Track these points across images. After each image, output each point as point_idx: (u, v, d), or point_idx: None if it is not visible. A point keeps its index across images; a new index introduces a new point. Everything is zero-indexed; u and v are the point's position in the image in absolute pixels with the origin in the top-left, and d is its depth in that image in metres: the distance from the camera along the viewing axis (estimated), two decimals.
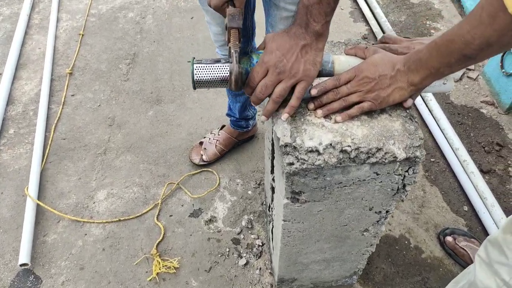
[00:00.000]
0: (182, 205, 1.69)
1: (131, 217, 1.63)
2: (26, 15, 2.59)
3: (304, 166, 0.76)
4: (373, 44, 0.90)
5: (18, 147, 1.87)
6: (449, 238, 1.53)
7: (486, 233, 1.58)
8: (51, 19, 2.56)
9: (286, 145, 0.76)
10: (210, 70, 0.81)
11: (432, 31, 2.59)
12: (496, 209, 1.59)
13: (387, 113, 0.81)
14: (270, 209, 1.37)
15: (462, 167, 1.76)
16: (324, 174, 0.81)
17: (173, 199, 1.71)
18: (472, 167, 1.74)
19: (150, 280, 1.45)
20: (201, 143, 1.83)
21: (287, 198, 0.89)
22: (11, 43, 2.36)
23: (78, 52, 2.37)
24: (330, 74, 0.83)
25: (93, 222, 1.61)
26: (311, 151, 0.75)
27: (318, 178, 0.82)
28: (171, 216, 1.65)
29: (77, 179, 1.76)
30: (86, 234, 1.57)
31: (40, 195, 1.67)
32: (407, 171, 0.83)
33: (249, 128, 1.82)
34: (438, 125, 1.94)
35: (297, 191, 0.87)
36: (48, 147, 1.86)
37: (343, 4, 2.81)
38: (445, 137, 1.89)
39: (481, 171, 1.77)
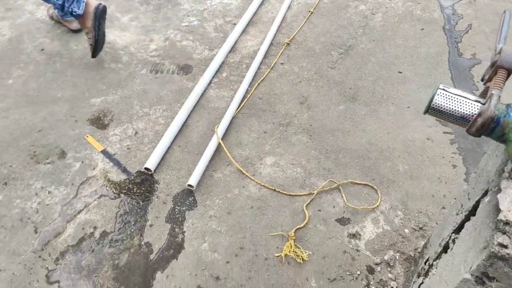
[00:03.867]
0: (333, 207, 1.66)
1: (285, 192, 1.68)
2: None
3: None
4: None
5: (224, 90, 2.12)
6: None
7: None
8: None
9: (507, 223, 0.63)
10: (454, 102, 0.73)
11: None
12: None
13: None
14: (428, 264, 1.21)
15: None
16: None
17: (328, 197, 1.69)
18: None
19: (277, 256, 1.49)
20: None
21: (471, 275, 0.75)
22: (253, 0, 2.65)
23: (302, 27, 2.50)
24: None
25: (253, 180, 1.72)
26: None
27: None
28: (319, 210, 1.64)
29: (256, 137, 1.90)
30: (243, 187, 1.70)
31: (225, 136, 1.88)
32: None
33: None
34: None
35: (490, 275, 0.72)
36: (246, 100, 2.05)
37: None
38: None
39: None
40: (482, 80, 0.82)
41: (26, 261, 1.44)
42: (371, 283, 1.44)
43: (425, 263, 1.28)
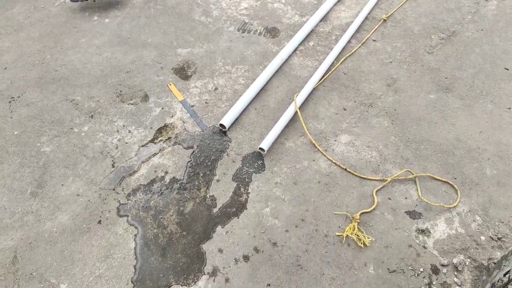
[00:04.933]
0: (405, 198, 1.56)
1: (356, 173, 1.62)
2: None
3: None
4: None
5: (308, 59, 2.05)
6: None
7: None
8: None
9: None
10: None
11: None
12: None
13: None
14: (507, 277, 1.10)
15: None
16: None
17: (401, 187, 1.59)
18: None
19: (338, 236, 1.45)
20: None
21: None
22: None
23: (403, 4, 2.32)
24: None
25: (325, 155, 1.67)
26: None
27: None
28: (389, 199, 1.56)
29: (334, 113, 1.83)
30: (314, 160, 1.66)
31: (302, 106, 1.83)
32: None
33: None
34: None
35: None
36: (329, 73, 1.97)
37: None
38: None
39: None
40: None
41: (101, 190, 1.55)
42: (433, 283, 1.35)
43: (504, 275, 1.16)
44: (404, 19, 2.25)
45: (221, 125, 1.72)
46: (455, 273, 1.38)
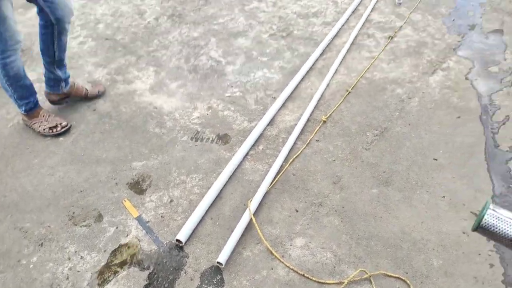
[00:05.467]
0: None
1: (313, 279, 1.65)
2: (314, 58, 3.01)
3: None
4: None
5: (259, 163, 2.19)
6: None
7: None
8: (331, 69, 2.89)
9: None
10: (506, 225, 0.74)
11: None
12: None
13: None
14: None
15: None
16: None
17: (358, 287, 1.64)
18: None
19: None
20: None
21: None
22: (294, 76, 2.79)
23: (339, 106, 2.59)
24: None
25: (282, 262, 1.71)
26: None
27: None
28: None
29: (287, 215, 1.91)
30: (272, 269, 1.68)
31: (256, 211, 1.90)
32: None
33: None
34: None
35: None
36: (279, 175, 2.09)
37: None
38: None
39: None
40: None
41: None
42: None
43: None
44: (342, 119, 2.50)
45: (177, 240, 1.74)
46: None
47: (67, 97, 2.51)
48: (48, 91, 2.43)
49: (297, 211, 1.94)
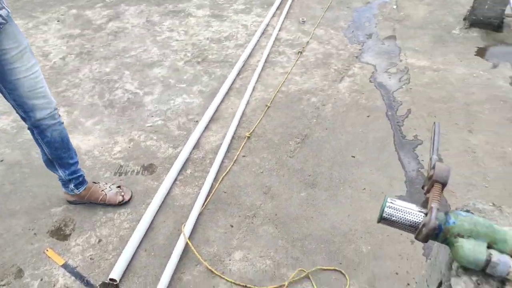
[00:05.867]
0: None
1: (255, 287, 1.67)
2: (232, 79, 3.11)
3: None
4: None
5: (189, 187, 2.18)
6: None
7: None
8: (248, 87, 3.01)
9: None
10: (402, 214, 0.83)
11: None
12: None
13: None
14: None
15: None
16: None
17: (299, 287, 1.68)
18: None
19: None
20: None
21: None
22: (213, 98, 2.85)
23: (260, 120, 2.70)
24: None
25: (223, 278, 1.70)
26: None
27: None
28: None
29: (223, 232, 1.92)
30: (214, 287, 1.66)
31: (191, 234, 1.88)
32: None
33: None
34: None
35: None
36: (211, 195, 2.10)
37: None
38: None
39: None
40: (422, 188, 0.93)
41: None
42: None
43: None
44: (264, 132, 2.60)
45: (111, 279, 1.65)
46: None
47: (84, 200, 2.03)
48: (63, 190, 2.01)
49: (232, 226, 1.95)
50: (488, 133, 2.60)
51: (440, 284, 0.89)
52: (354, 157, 2.41)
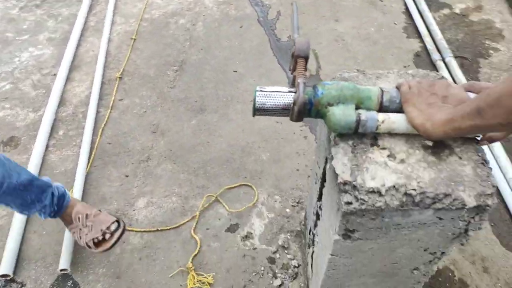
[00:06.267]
0: (219, 219, 1.66)
1: (168, 227, 1.62)
2: (83, 17, 2.68)
3: (363, 207, 0.70)
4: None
5: (66, 149, 1.93)
6: None
7: None
8: (106, 22, 2.64)
9: (345, 183, 0.70)
10: (273, 98, 0.80)
11: (491, 51, 2.42)
12: None
13: (456, 155, 0.74)
14: (311, 233, 1.31)
15: None
16: (383, 215, 0.74)
17: (211, 212, 1.68)
18: None
19: None
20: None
21: (338, 235, 0.83)
22: (67, 44, 2.45)
23: (129, 56, 2.42)
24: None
25: (132, 230, 1.61)
26: (372, 191, 0.69)
27: (376, 219, 0.75)
28: (207, 229, 1.63)
29: (119, 185, 1.78)
30: (124, 242, 1.57)
31: (84, 198, 1.71)
32: (473, 217, 0.74)
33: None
34: (492, 153, 1.80)
35: (351, 229, 0.81)
36: (94, 151, 1.90)
37: (397, 19, 2.70)
38: (498, 165, 1.75)
39: None
40: (289, 69, 0.90)
41: None
42: (276, 271, 1.49)
43: (309, 233, 1.37)
44: (137, 68, 2.36)
45: (2, 275, 1.44)
46: (286, 251, 1.56)
47: None
48: None
49: (127, 176, 1.82)
50: (352, 18, 2.73)
51: (327, 160, 0.92)
52: (236, 71, 2.35)
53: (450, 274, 1.46)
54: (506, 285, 1.43)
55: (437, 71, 2.25)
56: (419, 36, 2.53)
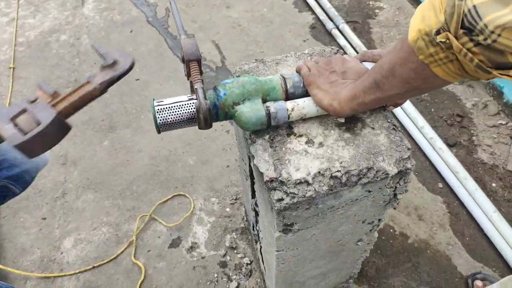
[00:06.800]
0: (159, 237, 1.58)
1: (105, 261, 1.50)
2: None
3: (294, 200, 0.70)
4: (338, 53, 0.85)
5: None
6: (478, 283, 1.39)
7: (464, 207, 1.62)
8: None
9: (271, 180, 0.69)
10: (174, 111, 0.73)
11: (377, 10, 2.61)
12: (468, 181, 1.63)
13: (369, 126, 0.77)
14: (255, 229, 1.30)
15: (430, 144, 1.79)
16: (316, 203, 0.75)
17: (148, 232, 1.60)
18: (439, 143, 1.77)
19: None
20: None
21: (279, 231, 0.83)
22: None
23: (12, 88, 2.15)
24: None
25: (65, 275, 1.47)
26: (300, 183, 0.69)
27: (310, 208, 0.76)
28: (149, 251, 1.54)
29: (37, 230, 1.59)
30: None
31: (1, 255, 1.50)
32: (398, 182, 0.79)
33: None
34: (401, 107, 1.96)
35: (289, 223, 0.81)
36: None
37: None
38: (409, 117, 1.91)
39: (448, 145, 1.81)
40: (185, 75, 0.84)
41: None
42: (230, 274, 1.48)
43: (253, 229, 1.37)
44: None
45: None
46: (235, 251, 1.54)
47: None
48: None
49: (44, 218, 1.64)
50: (243, 2, 2.73)
51: (249, 158, 0.90)
52: (138, 79, 2.22)
53: (391, 230, 1.57)
54: (440, 227, 1.58)
55: (335, 39, 2.37)
56: (310, 8, 2.63)
